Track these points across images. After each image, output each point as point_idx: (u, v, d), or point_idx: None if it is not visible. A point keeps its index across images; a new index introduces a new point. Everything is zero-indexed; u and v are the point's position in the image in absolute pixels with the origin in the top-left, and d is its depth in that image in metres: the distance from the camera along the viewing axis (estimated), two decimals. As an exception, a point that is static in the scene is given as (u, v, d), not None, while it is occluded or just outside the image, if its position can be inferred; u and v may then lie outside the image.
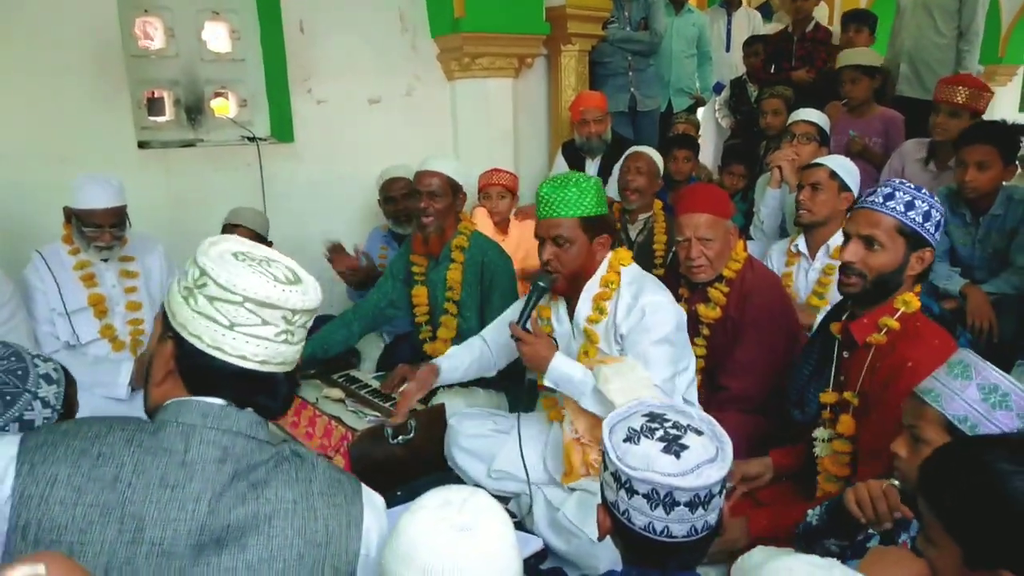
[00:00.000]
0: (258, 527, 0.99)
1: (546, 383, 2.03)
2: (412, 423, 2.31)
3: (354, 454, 2.21)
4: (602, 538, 1.19)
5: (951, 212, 2.89)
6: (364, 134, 3.80)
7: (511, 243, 3.47)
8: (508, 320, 2.24)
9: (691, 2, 5.25)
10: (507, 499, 2.25)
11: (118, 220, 2.62)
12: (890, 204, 1.74)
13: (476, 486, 2.36)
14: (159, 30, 3.39)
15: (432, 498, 1.05)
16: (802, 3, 4.75)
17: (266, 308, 1.02)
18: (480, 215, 3.55)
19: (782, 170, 3.19)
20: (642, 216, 3.44)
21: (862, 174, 2.86)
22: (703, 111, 5.79)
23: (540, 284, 2.04)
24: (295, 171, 3.65)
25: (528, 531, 2.09)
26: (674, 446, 1.08)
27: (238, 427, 1.02)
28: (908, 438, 1.36)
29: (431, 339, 2.85)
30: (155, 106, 3.51)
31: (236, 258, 1.03)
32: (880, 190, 1.78)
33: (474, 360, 2.40)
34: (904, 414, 1.39)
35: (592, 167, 4.01)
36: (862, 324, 1.79)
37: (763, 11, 6.82)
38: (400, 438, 2.28)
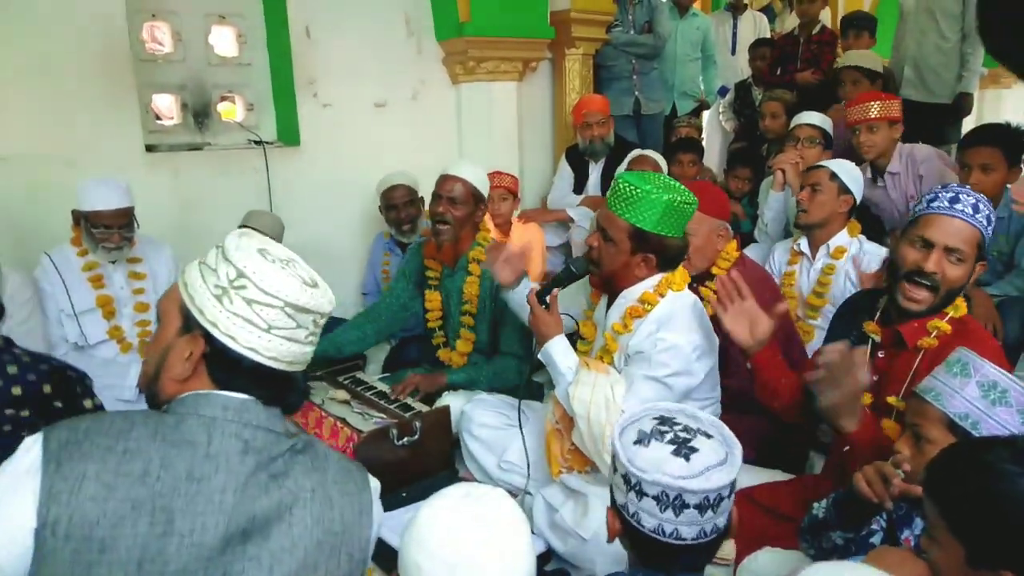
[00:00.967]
0: (280, 516, 1.01)
1: (539, 357, 2.05)
2: (417, 425, 2.32)
3: (360, 455, 2.22)
4: (611, 540, 1.20)
5: None
6: (369, 137, 3.82)
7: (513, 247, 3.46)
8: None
9: (695, 5, 5.25)
10: (514, 495, 2.26)
11: (127, 221, 2.65)
12: (978, 216, 1.63)
13: (484, 475, 2.41)
14: (167, 34, 3.41)
15: (453, 491, 1.09)
16: (808, 6, 4.76)
17: (302, 313, 1.05)
18: (485, 222, 3.56)
19: (785, 173, 3.20)
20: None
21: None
22: (707, 114, 5.80)
23: (572, 269, 2.03)
24: (301, 174, 3.67)
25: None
26: (684, 449, 1.10)
27: (258, 421, 1.04)
28: (911, 437, 1.37)
29: (444, 346, 2.84)
30: (161, 110, 3.53)
31: (264, 257, 1.04)
32: (964, 198, 1.66)
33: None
34: (907, 413, 1.40)
35: (596, 170, 4.02)
36: (913, 328, 1.71)
37: (766, 14, 6.82)
38: (405, 439, 2.30)
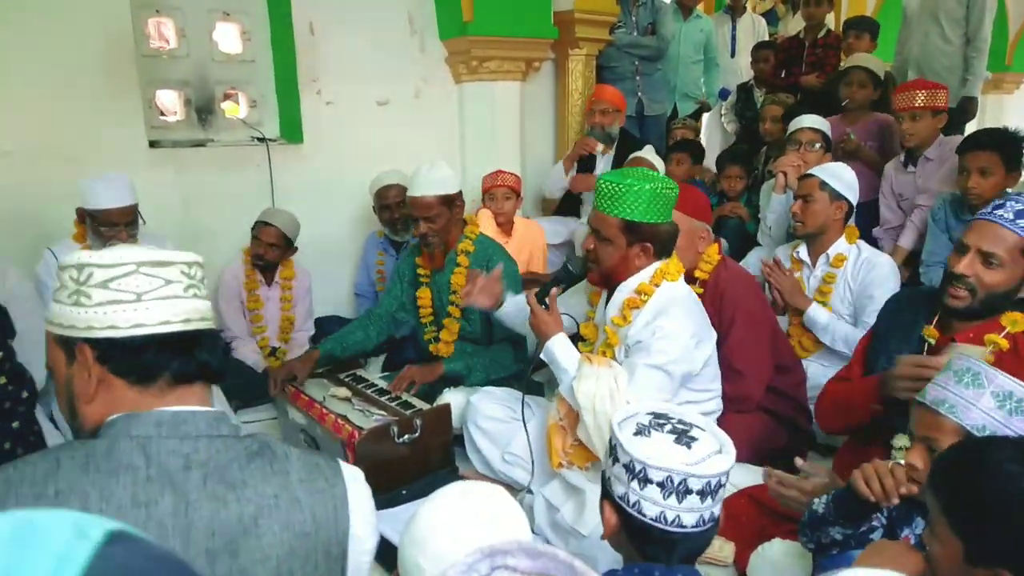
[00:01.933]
0: (246, 530, 0.94)
1: (542, 356, 2.07)
2: (418, 422, 2.33)
3: (360, 452, 2.23)
4: (606, 537, 1.21)
5: (955, 217, 2.90)
6: (372, 135, 3.82)
7: (515, 245, 3.48)
8: (565, 299, 2.29)
9: (699, 7, 5.26)
10: (515, 492, 2.27)
11: (132, 218, 2.66)
12: (1020, 222, 1.63)
13: (486, 468, 2.41)
14: (171, 30, 3.42)
15: (452, 490, 1.08)
16: (814, 9, 4.77)
17: (161, 267, 0.98)
18: (484, 216, 3.56)
19: (786, 176, 3.21)
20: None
21: (861, 180, 2.87)
22: (708, 116, 5.81)
23: (569, 268, 2.05)
24: (304, 171, 3.68)
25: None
26: (684, 438, 1.14)
27: (197, 430, 0.97)
28: (924, 450, 1.34)
29: (435, 340, 2.88)
30: (164, 106, 3.54)
31: (107, 245, 1.00)
32: (1010, 204, 1.66)
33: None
34: (914, 425, 1.38)
35: (603, 162, 4.04)
36: (967, 338, 1.70)
37: (768, 17, 6.83)
38: (406, 437, 2.30)
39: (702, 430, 1.18)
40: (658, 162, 3.66)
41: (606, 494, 1.19)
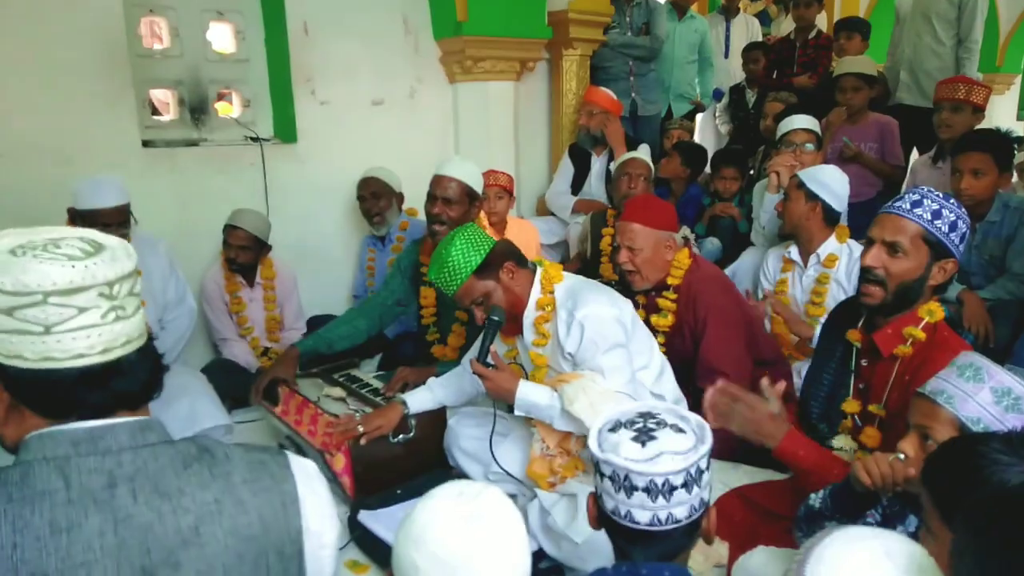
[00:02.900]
0: (185, 542, 0.88)
1: (517, 413, 2.04)
2: (413, 422, 2.33)
3: (355, 453, 2.23)
4: (592, 526, 1.22)
5: None
6: (366, 135, 3.82)
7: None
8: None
9: (693, 8, 5.27)
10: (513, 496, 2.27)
11: (124, 219, 2.64)
12: (917, 211, 1.68)
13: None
14: (164, 30, 3.41)
15: (448, 489, 1.08)
16: (804, 11, 4.80)
17: (76, 294, 0.86)
18: (480, 219, 3.57)
19: (779, 176, 3.22)
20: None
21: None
22: (702, 117, 5.82)
23: (494, 318, 2.01)
24: (298, 172, 3.67)
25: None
26: (643, 436, 1.13)
27: (118, 444, 0.89)
28: (918, 438, 1.36)
29: (439, 341, 2.86)
30: (157, 106, 3.53)
31: (14, 254, 0.86)
32: (908, 196, 1.73)
33: (464, 389, 2.37)
34: (911, 414, 1.39)
35: (598, 163, 4.06)
36: (886, 335, 1.75)
37: (761, 18, 6.86)
38: (401, 437, 2.30)
39: (678, 431, 1.14)
40: (648, 159, 3.66)
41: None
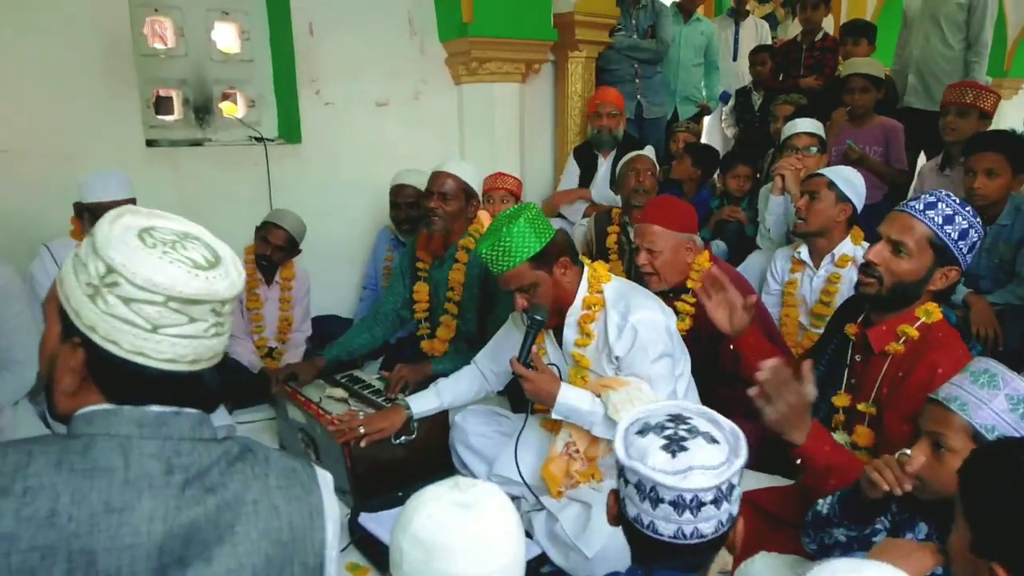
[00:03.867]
0: (221, 537, 0.89)
1: (554, 416, 2.00)
2: (415, 424, 2.31)
3: (356, 454, 2.21)
4: (610, 523, 1.17)
5: None
6: (371, 136, 3.81)
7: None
8: (500, 344, 2.27)
9: (699, 11, 5.26)
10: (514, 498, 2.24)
11: (130, 213, 2.64)
12: (929, 213, 1.68)
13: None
14: (169, 29, 3.41)
15: (444, 481, 1.08)
16: (811, 14, 4.78)
17: (192, 305, 0.88)
18: (483, 218, 3.55)
19: (785, 179, 3.19)
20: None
21: (865, 182, 2.85)
22: (709, 120, 5.81)
23: (536, 318, 1.97)
24: (302, 172, 3.66)
25: (528, 537, 2.08)
26: (674, 445, 1.06)
27: (180, 433, 0.91)
28: (929, 445, 1.33)
29: (429, 336, 2.87)
30: (162, 105, 3.52)
31: (144, 242, 0.88)
32: (924, 197, 1.72)
33: (472, 391, 2.37)
34: (923, 420, 1.36)
35: (604, 165, 4.04)
36: (880, 331, 1.76)
37: (769, 21, 6.85)
38: (403, 439, 2.28)
39: (712, 442, 1.07)
40: (654, 157, 3.63)
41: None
